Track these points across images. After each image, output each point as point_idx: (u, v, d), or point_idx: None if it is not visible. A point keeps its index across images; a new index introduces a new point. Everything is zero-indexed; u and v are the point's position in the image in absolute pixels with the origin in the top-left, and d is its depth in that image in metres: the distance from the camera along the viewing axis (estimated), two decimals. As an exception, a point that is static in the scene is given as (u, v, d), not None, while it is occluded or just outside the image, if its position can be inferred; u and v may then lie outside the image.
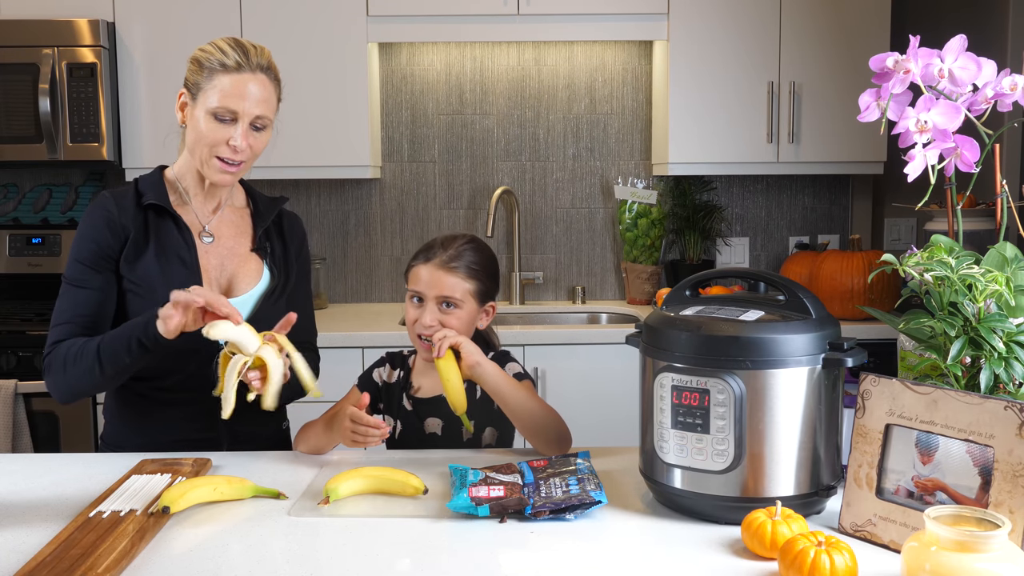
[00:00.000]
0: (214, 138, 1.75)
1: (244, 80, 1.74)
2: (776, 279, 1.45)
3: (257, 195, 1.97)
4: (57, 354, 1.74)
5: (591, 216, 3.75)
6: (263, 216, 1.93)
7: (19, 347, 3.00)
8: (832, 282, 3.15)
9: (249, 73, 1.75)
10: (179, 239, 1.82)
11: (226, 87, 1.73)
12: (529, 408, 1.73)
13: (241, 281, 1.86)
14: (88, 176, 3.65)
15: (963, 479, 1.25)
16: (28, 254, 3.52)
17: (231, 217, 1.91)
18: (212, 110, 1.74)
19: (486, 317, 1.91)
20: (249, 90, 1.74)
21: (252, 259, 1.90)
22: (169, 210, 1.82)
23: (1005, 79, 1.35)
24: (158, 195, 1.82)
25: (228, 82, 1.73)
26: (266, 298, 1.87)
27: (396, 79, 3.67)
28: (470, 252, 1.86)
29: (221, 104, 1.73)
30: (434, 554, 1.31)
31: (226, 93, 1.73)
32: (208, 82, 1.74)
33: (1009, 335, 1.29)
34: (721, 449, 1.36)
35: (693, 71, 3.32)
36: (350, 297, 3.75)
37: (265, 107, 1.77)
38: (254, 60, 1.76)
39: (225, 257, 1.87)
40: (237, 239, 1.90)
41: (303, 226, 2.03)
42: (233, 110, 1.74)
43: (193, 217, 1.87)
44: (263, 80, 1.77)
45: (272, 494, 1.54)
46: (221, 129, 1.75)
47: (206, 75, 1.74)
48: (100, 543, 1.29)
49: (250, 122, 1.76)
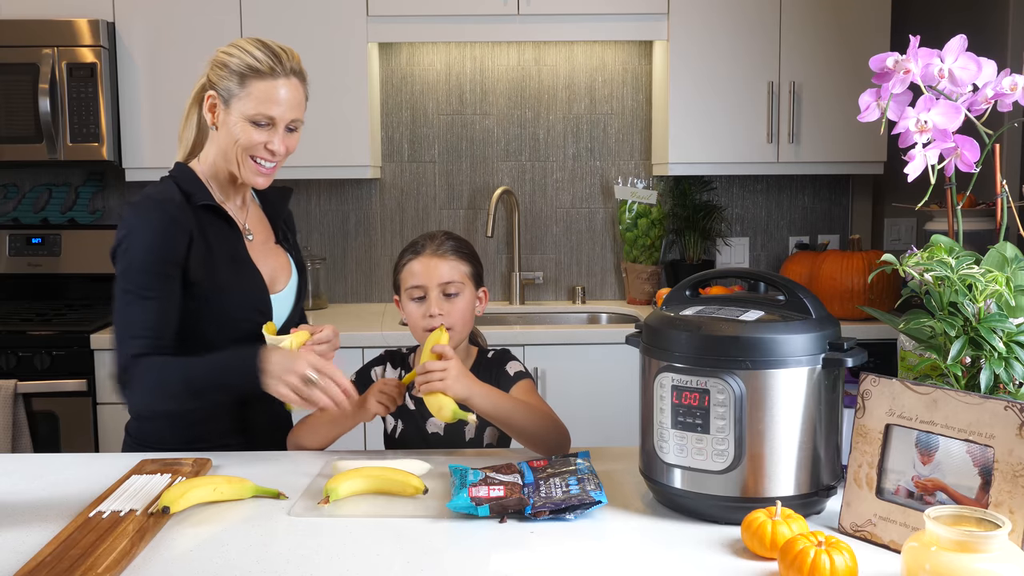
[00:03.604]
0: (251, 142, 1.76)
1: (279, 86, 1.75)
2: (776, 279, 1.45)
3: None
4: (138, 371, 1.69)
5: (591, 216, 3.75)
6: (275, 208, 1.96)
7: (19, 347, 3.00)
8: (832, 282, 3.15)
9: (284, 78, 1.76)
10: (233, 238, 1.83)
11: (262, 93, 1.74)
12: (526, 423, 1.73)
13: (279, 277, 1.90)
14: (88, 176, 3.65)
15: (963, 479, 1.25)
16: (28, 254, 3.52)
17: (256, 212, 1.95)
18: (250, 116, 1.75)
19: (481, 303, 1.92)
20: (283, 95, 1.76)
21: (281, 253, 1.94)
22: (221, 210, 1.82)
23: (1005, 79, 1.35)
24: (205, 195, 1.81)
25: (264, 88, 1.74)
26: (301, 288, 1.94)
27: (396, 79, 3.67)
28: (452, 240, 1.88)
29: (259, 111, 1.74)
30: (434, 554, 1.31)
31: (262, 99, 1.74)
32: (242, 88, 1.74)
33: (1009, 335, 1.29)
34: (721, 449, 1.36)
35: (693, 71, 3.32)
36: (350, 297, 3.75)
37: (299, 110, 1.80)
38: (287, 65, 1.77)
39: (267, 254, 1.90)
40: (267, 234, 1.94)
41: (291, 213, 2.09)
42: (271, 116, 1.75)
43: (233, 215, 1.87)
44: (296, 84, 1.78)
45: (272, 494, 1.54)
46: (259, 133, 1.76)
47: (237, 80, 1.74)
48: (100, 543, 1.29)
49: (285, 125, 1.78)
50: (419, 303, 1.84)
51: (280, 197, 1.99)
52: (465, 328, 1.87)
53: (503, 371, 1.89)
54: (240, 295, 1.80)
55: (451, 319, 1.82)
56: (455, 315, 1.83)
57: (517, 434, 1.75)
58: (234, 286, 1.79)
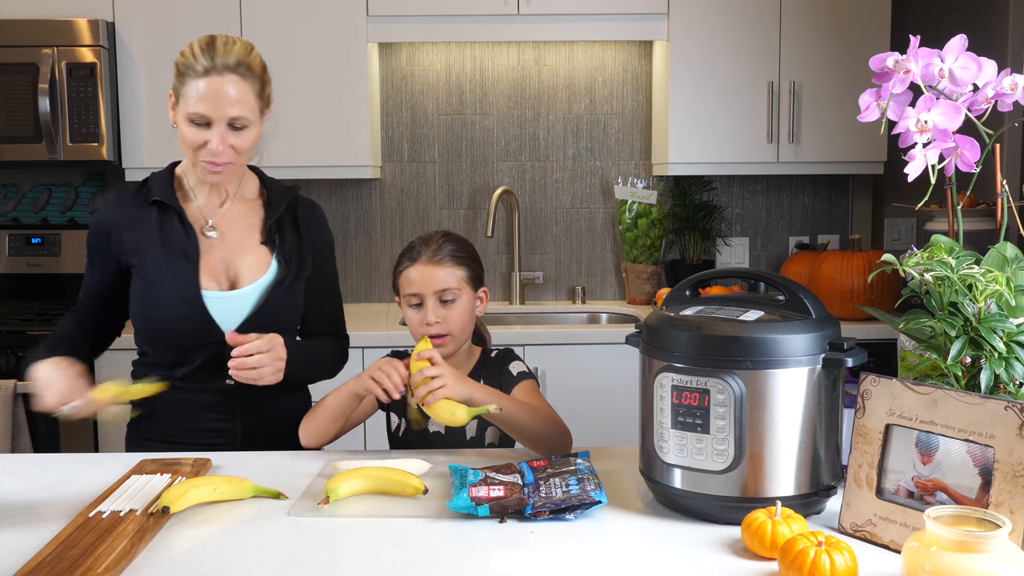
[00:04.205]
0: (193, 142, 1.77)
1: (213, 84, 1.75)
2: (776, 279, 1.45)
3: (272, 185, 1.98)
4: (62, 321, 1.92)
5: (591, 216, 3.75)
6: (274, 207, 1.94)
7: (19, 347, 3.00)
8: (832, 282, 3.15)
9: (217, 76, 1.75)
10: (182, 234, 1.85)
11: (198, 92, 1.75)
12: (526, 423, 1.72)
13: (246, 274, 1.88)
14: (88, 176, 3.65)
15: (963, 479, 1.25)
16: (28, 254, 3.52)
17: (240, 210, 1.93)
18: (188, 115, 1.76)
19: (481, 304, 1.92)
20: (218, 93, 1.75)
21: (260, 251, 1.91)
22: (173, 206, 1.86)
23: (1005, 79, 1.35)
24: (164, 191, 1.86)
25: (199, 87, 1.75)
26: (273, 289, 1.88)
27: (396, 79, 3.67)
28: (449, 243, 1.87)
29: (193, 110, 1.75)
30: (434, 554, 1.31)
31: (197, 98, 1.75)
32: (184, 87, 1.76)
33: (1009, 335, 1.29)
34: (721, 449, 1.35)
35: (693, 71, 3.32)
36: (350, 297, 3.75)
37: (240, 107, 1.77)
38: (220, 62, 1.75)
39: (230, 251, 1.89)
40: (247, 231, 1.92)
41: (321, 213, 2.02)
42: (205, 115, 1.75)
43: (197, 213, 1.90)
44: (234, 80, 1.76)
45: (272, 494, 1.53)
46: (198, 133, 1.76)
47: (182, 80, 1.77)
48: (100, 543, 1.29)
49: (227, 123, 1.77)
50: (417, 309, 1.85)
51: (279, 198, 1.96)
52: (464, 333, 1.87)
53: (506, 371, 1.89)
54: (170, 287, 1.83)
55: (448, 326, 1.82)
56: (453, 321, 1.83)
57: (518, 434, 1.75)
58: (165, 278, 1.83)
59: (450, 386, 1.64)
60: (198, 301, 1.83)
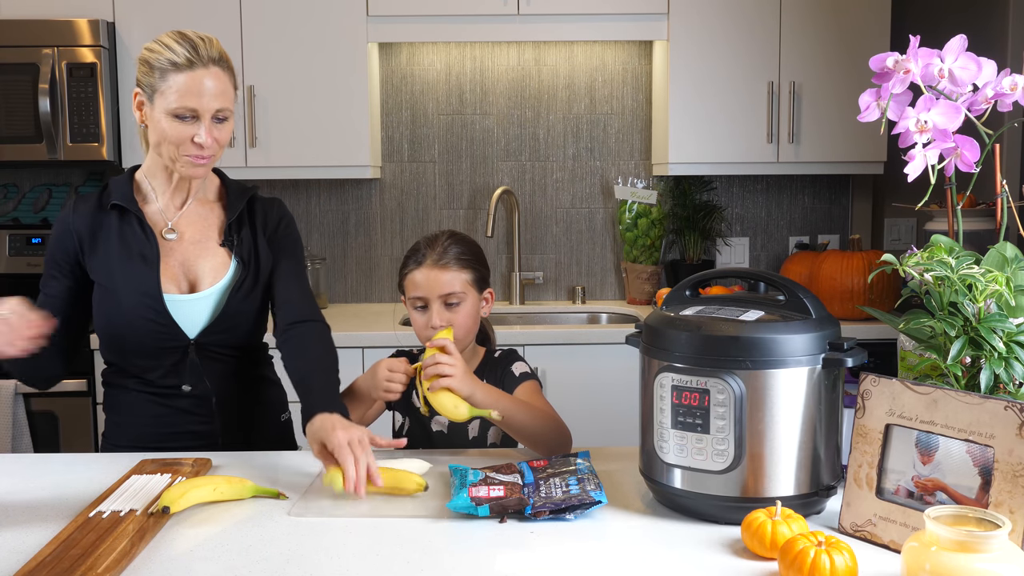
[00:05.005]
0: (178, 137, 1.75)
1: (198, 76, 1.73)
2: (776, 279, 1.45)
3: (231, 186, 1.95)
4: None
5: (591, 216, 3.75)
6: (233, 208, 1.91)
7: (19, 347, 3.00)
8: (832, 282, 3.15)
9: (202, 68, 1.74)
10: (141, 237, 1.83)
11: (182, 86, 1.73)
12: (526, 424, 1.73)
13: (206, 276, 1.86)
14: (88, 176, 3.65)
15: (963, 479, 1.25)
16: (28, 254, 3.52)
17: (199, 211, 1.91)
18: (172, 111, 1.74)
19: (487, 305, 1.92)
20: (205, 86, 1.74)
21: (220, 253, 1.89)
22: (132, 210, 1.84)
23: (1005, 79, 1.35)
24: (122, 195, 1.84)
25: (183, 81, 1.73)
26: (234, 291, 1.86)
27: (396, 79, 3.67)
28: (455, 245, 1.87)
29: (180, 104, 1.73)
30: (434, 554, 1.31)
31: (183, 92, 1.73)
32: (163, 82, 1.73)
33: (1009, 335, 1.29)
34: (721, 449, 1.36)
35: (693, 71, 3.32)
36: (350, 297, 3.76)
37: (223, 99, 1.77)
38: (204, 54, 1.74)
39: (189, 253, 1.87)
40: (206, 233, 1.90)
41: (281, 208, 1.97)
42: (193, 108, 1.73)
43: (158, 215, 1.87)
44: (217, 72, 1.76)
45: (272, 494, 1.54)
46: (184, 128, 1.75)
47: (159, 75, 1.74)
48: (100, 543, 1.29)
49: (211, 116, 1.76)
50: (422, 312, 1.86)
51: (238, 197, 1.92)
52: (468, 335, 1.88)
53: (509, 371, 1.89)
54: (131, 292, 1.80)
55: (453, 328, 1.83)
56: (457, 324, 1.84)
57: (518, 434, 1.75)
58: (128, 284, 1.80)
59: (457, 378, 1.66)
60: (160, 304, 1.80)
